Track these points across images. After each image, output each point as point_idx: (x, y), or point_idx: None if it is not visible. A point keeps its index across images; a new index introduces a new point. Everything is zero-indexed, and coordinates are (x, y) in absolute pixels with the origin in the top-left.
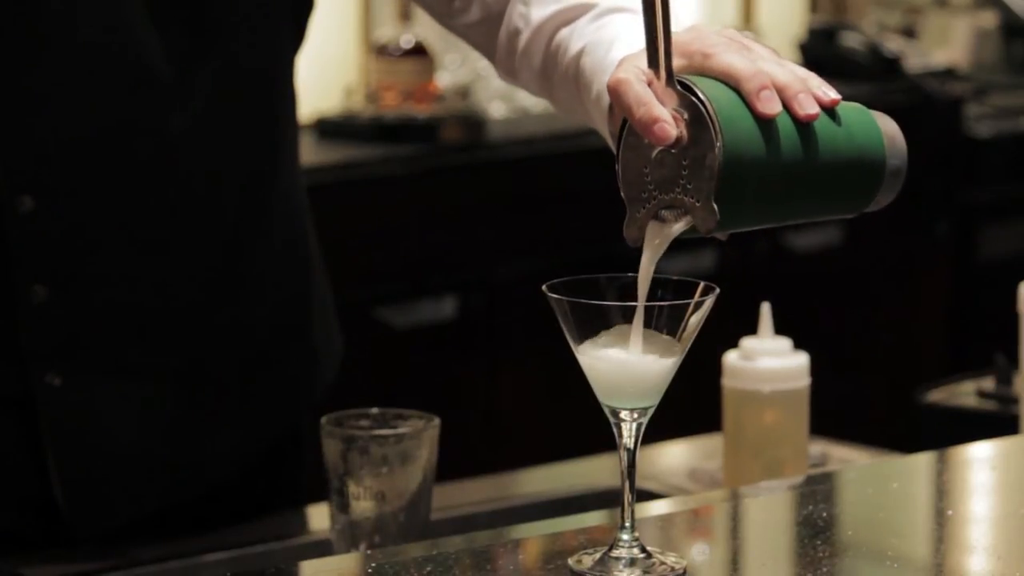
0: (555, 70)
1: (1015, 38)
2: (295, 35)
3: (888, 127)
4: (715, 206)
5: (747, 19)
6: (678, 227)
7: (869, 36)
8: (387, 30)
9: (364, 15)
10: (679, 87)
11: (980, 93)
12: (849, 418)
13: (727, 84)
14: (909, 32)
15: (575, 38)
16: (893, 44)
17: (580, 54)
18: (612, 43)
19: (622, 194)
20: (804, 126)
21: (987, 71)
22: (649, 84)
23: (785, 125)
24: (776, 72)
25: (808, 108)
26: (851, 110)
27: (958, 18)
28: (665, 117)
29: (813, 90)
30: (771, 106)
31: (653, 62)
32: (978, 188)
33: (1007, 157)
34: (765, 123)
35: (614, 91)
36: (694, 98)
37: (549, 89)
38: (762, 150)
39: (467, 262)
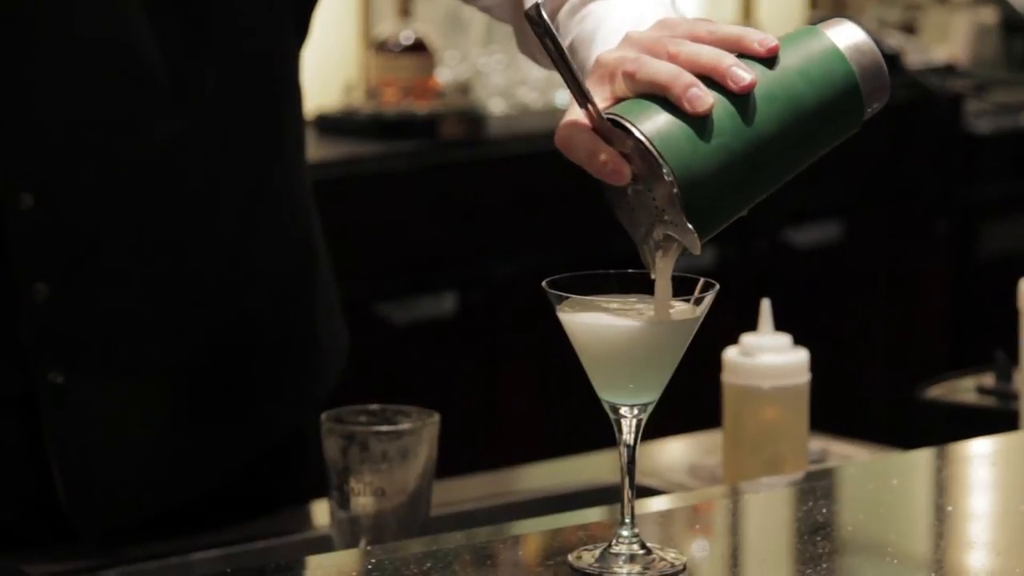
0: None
1: (1015, 34)
2: (298, 30)
3: (845, 36)
4: (691, 227)
5: (747, 15)
6: (672, 256)
7: (869, 32)
8: (387, 26)
9: (364, 11)
10: (611, 125)
11: (980, 89)
12: (849, 414)
13: (660, 96)
14: (909, 28)
15: (562, 32)
16: (893, 40)
17: (570, 50)
18: (592, 40)
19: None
20: (747, 96)
21: (987, 67)
22: (592, 122)
23: (729, 106)
24: (700, 56)
25: (741, 80)
26: (798, 41)
27: (958, 14)
28: (613, 158)
29: (749, 46)
30: (700, 104)
31: (581, 105)
32: (978, 184)
33: (1007, 153)
34: (706, 119)
35: (562, 147)
36: (627, 133)
37: None
38: (716, 147)
39: (467, 258)
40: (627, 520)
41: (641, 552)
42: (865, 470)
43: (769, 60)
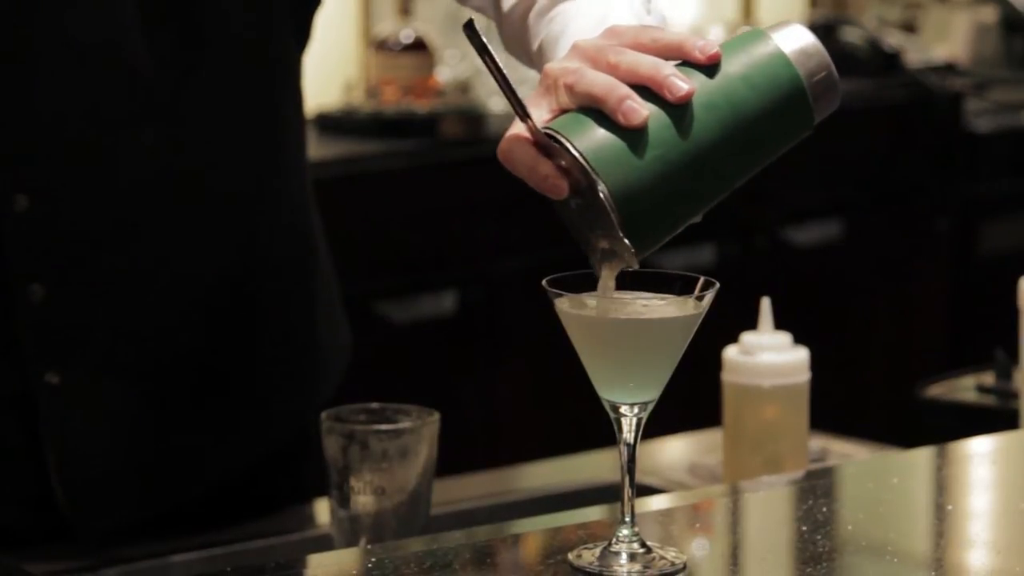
0: (531, 60)
1: (1015, 33)
2: (298, 35)
3: (791, 39)
4: (627, 241)
5: (747, 14)
6: (612, 270)
7: (869, 31)
8: (387, 25)
9: (364, 10)
10: (547, 139)
11: (980, 88)
12: (849, 413)
13: (598, 109)
14: (909, 27)
15: (532, 34)
16: (893, 39)
17: (540, 52)
18: (558, 42)
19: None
20: (686, 106)
21: (987, 66)
22: (533, 136)
23: (666, 117)
24: (639, 67)
25: (678, 90)
26: (743, 46)
27: (958, 13)
28: (551, 172)
29: (690, 53)
30: (635, 117)
31: (521, 119)
32: (978, 183)
33: (1007, 152)
34: (642, 131)
35: (503, 161)
36: (560, 146)
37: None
38: (653, 159)
39: (467, 257)
40: (627, 519)
41: (641, 551)
42: (865, 469)
43: (711, 67)
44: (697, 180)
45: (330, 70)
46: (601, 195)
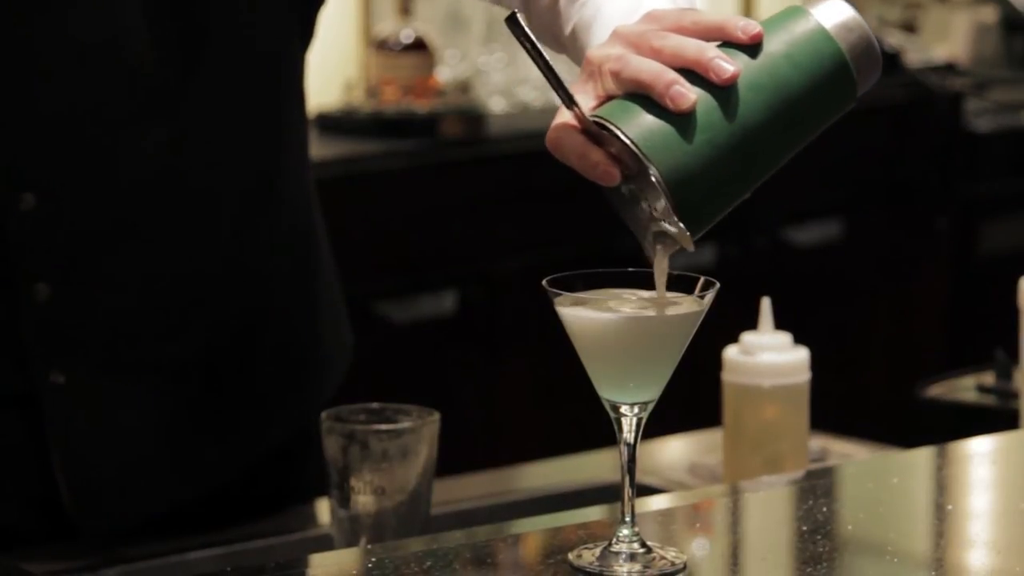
0: (563, 46)
1: (1015, 33)
2: (302, 33)
3: (831, 14)
4: (682, 225)
5: (747, 14)
6: (669, 251)
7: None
8: (387, 25)
9: (364, 10)
10: (596, 127)
11: (980, 88)
12: (849, 413)
13: (645, 95)
14: (909, 27)
15: (563, 19)
16: (893, 39)
17: (573, 37)
18: (591, 27)
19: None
20: (732, 88)
21: (987, 66)
22: (581, 124)
23: (713, 100)
24: (684, 50)
25: (723, 72)
26: (783, 24)
27: (958, 13)
28: (603, 160)
29: (732, 33)
30: (683, 101)
31: (568, 108)
32: (978, 183)
33: (1007, 152)
34: (691, 115)
35: (552, 150)
36: (610, 134)
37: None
38: (703, 142)
39: (467, 257)
40: (627, 519)
41: (641, 551)
42: (865, 469)
43: (754, 47)
44: (746, 160)
45: (330, 70)
46: (654, 180)
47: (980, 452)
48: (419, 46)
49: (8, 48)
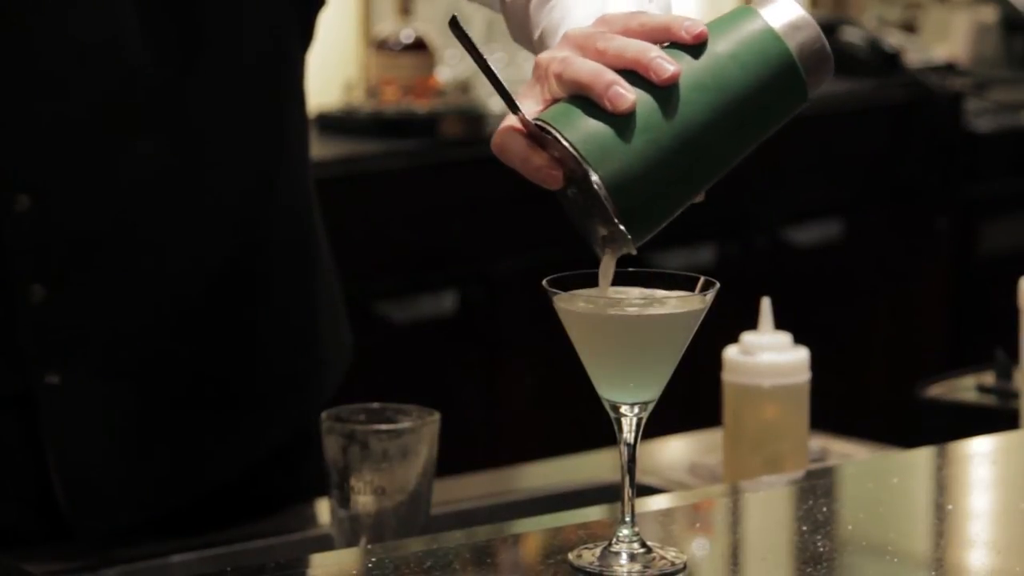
0: (536, 49)
1: (1015, 33)
2: (302, 33)
3: (778, 14)
4: (623, 228)
5: None
6: (611, 256)
7: (869, 31)
8: (387, 25)
9: (364, 10)
10: (538, 130)
11: (980, 88)
12: (849, 413)
13: (587, 97)
14: (909, 27)
15: (533, 24)
16: (893, 39)
17: (541, 41)
18: (557, 32)
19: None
20: (673, 88)
21: (987, 66)
22: (525, 128)
23: (655, 100)
24: (626, 51)
25: (663, 72)
26: (731, 24)
27: (958, 13)
28: (544, 163)
29: (676, 34)
30: (621, 102)
31: (512, 112)
32: (978, 183)
33: (1007, 152)
34: (630, 116)
35: (497, 153)
36: (552, 137)
37: None
38: (644, 143)
39: (467, 257)
40: (627, 519)
41: (641, 551)
42: (865, 469)
43: (698, 47)
44: (691, 161)
45: (330, 70)
46: (595, 185)
47: (980, 452)
48: (419, 46)
49: (6, 50)
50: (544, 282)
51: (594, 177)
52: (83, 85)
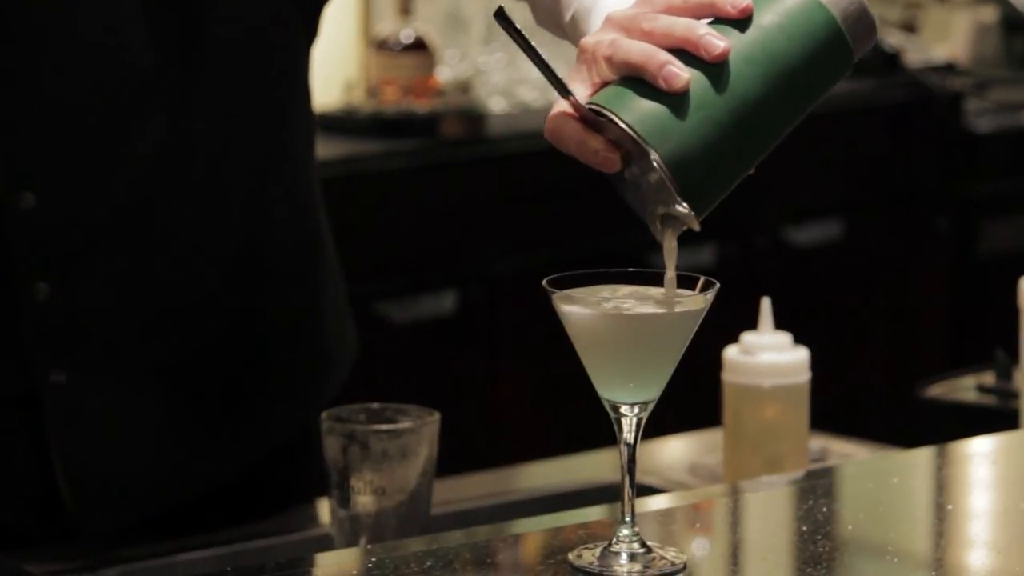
0: (564, 32)
1: (1015, 33)
2: (306, 29)
3: None
4: (686, 205)
5: None
6: (675, 233)
7: None
8: (387, 25)
9: (364, 10)
10: (593, 114)
11: (980, 88)
12: (849, 413)
13: (639, 78)
14: (909, 27)
15: (563, 6)
16: (893, 39)
17: (573, 24)
18: (590, 13)
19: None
20: (725, 63)
21: (987, 66)
22: (578, 112)
23: (707, 77)
24: (673, 29)
25: (714, 48)
26: None
27: (958, 13)
28: (603, 147)
29: (722, 9)
30: (676, 81)
31: (564, 97)
32: (978, 183)
33: (1007, 152)
34: (685, 94)
35: (552, 140)
36: (607, 120)
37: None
38: (700, 120)
39: (467, 257)
40: (627, 519)
41: (641, 551)
42: (865, 469)
43: (745, 21)
44: (746, 135)
45: (330, 70)
46: (655, 163)
47: (980, 452)
48: (419, 46)
49: (14, 49)
50: (544, 282)
51: (654, 156)
52: (88, 83)
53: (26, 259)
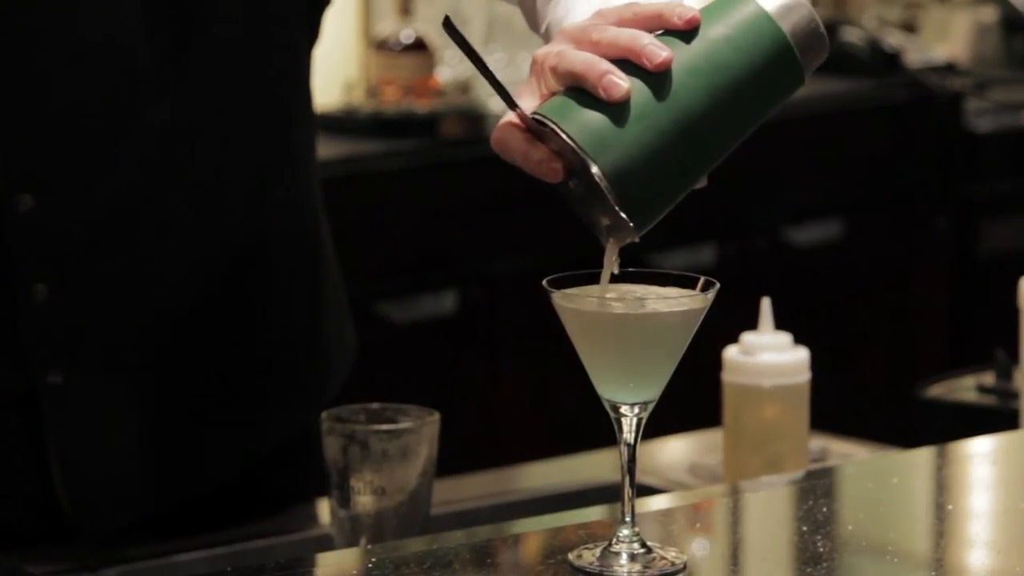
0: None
1: (1015, 33)
2: (307, 31)
3: None
4: (625, 216)
5: None
6: (615, 245)
7: (869, 31)
8: (387, 25)
9: (364, 10)
10: (537, 124)
11: (980, 88)
12: (849, 413)
13: (583, 89)
14: (909, 27)
15: (540, 18)
16: (893, 39)
17: (547, 35)
18: (560, 26)
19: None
20: (667, 74)
21: (987, 66)
22: (523, 123)
23: (651, 87)
24: (618, 40)
25: (655, 58)
26: (725, 9)
27: (958, 13)
28: (544, 157)
29: (669, 20)
30: (616, 91)
31: (510, 108)
32: (978, 183)
33: (1007, 152)
34: (626, 104)
35: (497, 150)
36: (550, 130)
37: None
38: (642, 130)
39: (467, 257)
40: (627, 519)
41: (641, 551)
42: (865, 469)
43: (691, 33)
44: (689, 146)
45: (330, 70)
46: (595, 175)
47: (980, 452)
48: (419, 46)
49: (13, 50)
50: (544, 282)
51: (594, 168)
52: (87, 83)
53: (25, 260)
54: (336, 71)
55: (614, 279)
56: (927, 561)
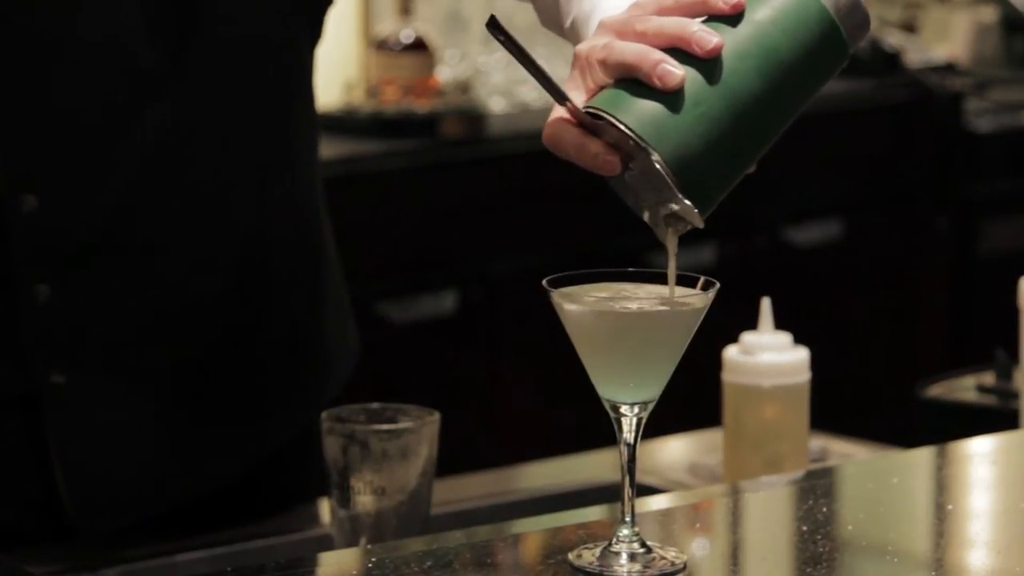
0: (568, 38)
1: (1015, 33)
2: (310, 31)
3: None
4: (688, 203)
5: None
6: (678, 233)
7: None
8: (387, 25)
9: (364, 10)
10: (590, 118)
11: (980, 88)
12: (849, 413)
13: (635, 79)
14: (909, 27)
15: (564, 12)
16: (893, 39)
17: (573, 30)
18: (589, 19)
19: (644, 219)
20: (718, 59)
21: (987, 66)
22: (575, 117)
23: (702, 74)
24: (665, 28)
25: (706, 44)
26: None
27: (958, 13)
28: (602, 150)
29: (715, 6)
30: (671, 79)
31: (560, 103)
32: (978, 183)
33: (1007, 152)
34: (681, 92)
35: (550, 146)
36: (605, 123)
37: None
38: (698, 117)
39: (467, 257)
40: (627, 519)
41: (641, 551)
42: (865, 469)
43: (737, 17)
44: (744, 129)
45: (330, 70)
46: (655, 162)
47: (980, 452)
48: (419, 46)
49: (15, 51)
50: (544, 282)
51: (655, 156)
52: (88, 84)
53: (27, 261)
54: (336, 71)
55: (615, 279)
56: (927, 561)
